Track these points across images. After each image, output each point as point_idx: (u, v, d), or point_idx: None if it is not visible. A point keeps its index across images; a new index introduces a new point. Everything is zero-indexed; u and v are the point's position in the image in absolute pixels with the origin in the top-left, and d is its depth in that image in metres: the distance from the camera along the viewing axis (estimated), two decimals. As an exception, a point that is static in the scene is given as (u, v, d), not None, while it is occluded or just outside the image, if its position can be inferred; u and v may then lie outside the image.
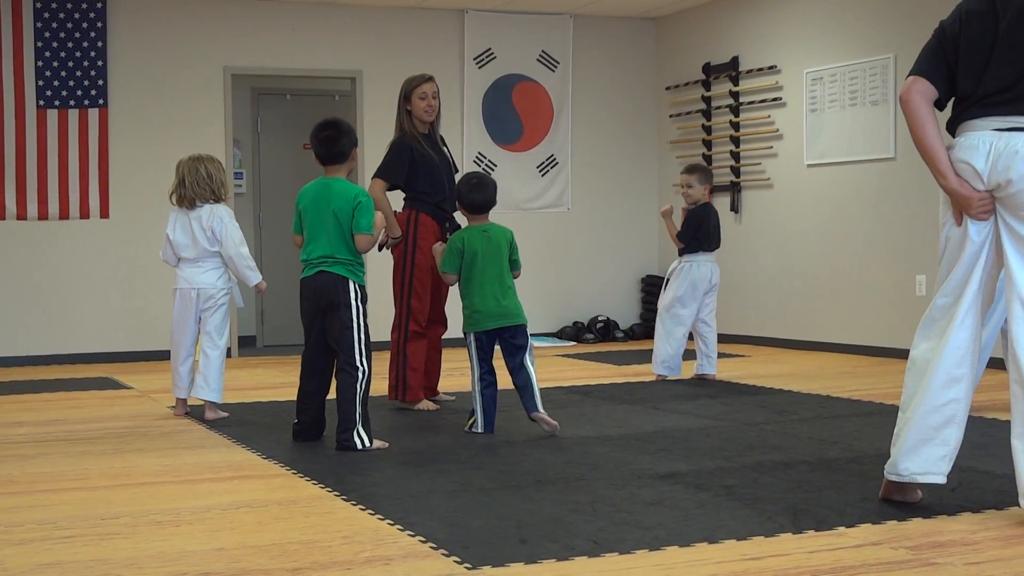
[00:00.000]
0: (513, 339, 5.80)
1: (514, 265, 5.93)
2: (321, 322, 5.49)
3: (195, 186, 6.40)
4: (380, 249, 6.49)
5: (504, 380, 5.88)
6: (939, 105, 4.00)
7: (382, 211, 6.42)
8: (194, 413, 6.53)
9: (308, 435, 5.57)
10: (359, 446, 5.29)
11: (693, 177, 7.84)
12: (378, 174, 6.58)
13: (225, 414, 6.42)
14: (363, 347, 5.42)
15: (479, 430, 5.77)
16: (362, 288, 5.48)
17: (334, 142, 5.53)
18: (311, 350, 5.57)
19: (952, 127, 4.02)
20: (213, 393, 6.37)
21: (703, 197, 7.84)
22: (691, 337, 7.95)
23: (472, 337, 5.81)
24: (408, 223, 6.56)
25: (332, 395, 5.51)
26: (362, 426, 5.33)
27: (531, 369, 5.77)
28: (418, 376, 6.56)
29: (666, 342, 7.83)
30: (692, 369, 7.98)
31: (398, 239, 6.53)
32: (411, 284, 6.54)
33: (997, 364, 8.49)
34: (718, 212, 8.05)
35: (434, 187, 6.55)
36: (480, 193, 5.90)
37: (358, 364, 5.38)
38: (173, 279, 6.54)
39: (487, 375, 5.80)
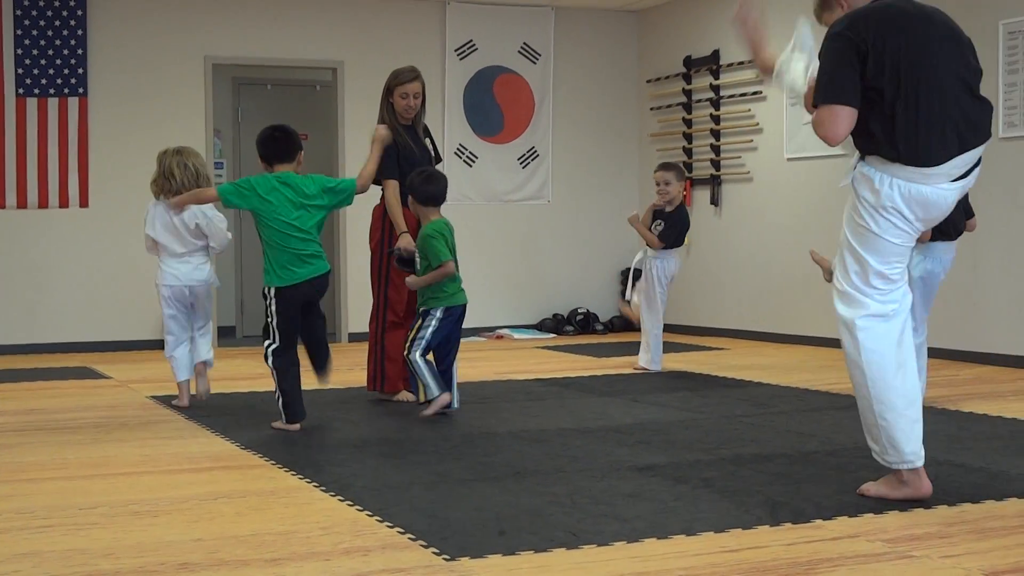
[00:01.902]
0: (460, 326, 6.14)
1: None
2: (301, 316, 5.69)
3: (185, 182, 6.30)
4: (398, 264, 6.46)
5: (479, 372, 5.89)
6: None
7: (393, 213, 6.40)
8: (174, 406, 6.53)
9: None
10: None
11: (671, 174, 7.87)
12: (385, 175, 6.45)
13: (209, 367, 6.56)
14: None
15: (436, 393, 5.90)
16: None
17: (283, 141, 5.72)
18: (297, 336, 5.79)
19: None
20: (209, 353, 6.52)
21: (679, 195, 7.87)
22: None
23: (441, 312, 5.96)
24: (384, 215, 6.56)
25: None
26: None
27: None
28: (396, 367, 6.55)
29: (655, 337, 7.98)
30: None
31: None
32: (388, 275, 6.54)
33: (974, 358, 8.54)
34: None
35: (406, 178, 6.52)
36: (434, 184, 6.08)
37: None
38: (158, 275, 6.35)
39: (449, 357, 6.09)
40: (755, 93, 10.10)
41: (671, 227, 7.83)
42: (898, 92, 3.83)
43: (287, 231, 5.57)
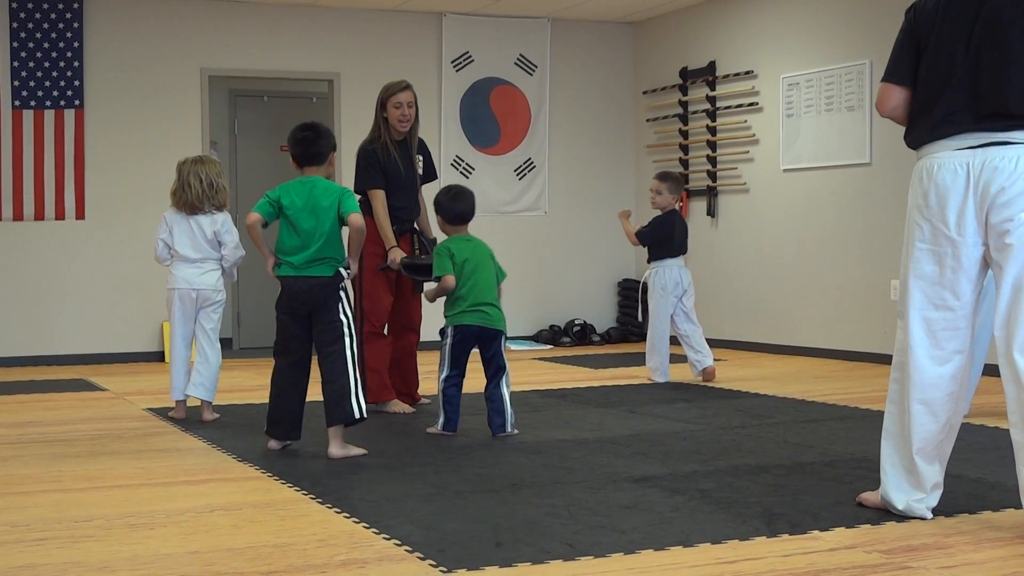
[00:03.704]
0: (490, 349, 5.82)
1: (499, 277, 5.98)
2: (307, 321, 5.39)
3: (200, 193, 6.33)
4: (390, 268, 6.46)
5: (476, 384, 5.89)
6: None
7: (380, 224, 6.42)
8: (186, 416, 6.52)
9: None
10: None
11: (664, 185, 7.92)
12: (370, 186, 6.50)
13: (217, 415, 6.41)
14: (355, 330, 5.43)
15: (439, 429, 5.80)
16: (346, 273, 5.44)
17: (312, 143, 5.42)
18: (297, 343, 5.45)
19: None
20: (210, 393, 6.38)
21: (670, 205, 7.90)
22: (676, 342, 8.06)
23: (451, 329, 5.80)
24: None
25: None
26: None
27: (505, 393, 5.81)
28: (377, 377, 6.54)
29: (654, 348, 8.00)
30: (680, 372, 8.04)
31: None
32: (361, 286, 6.56)
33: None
34: (685, 219, 8.11)
35: (388, 192, 6.52)
36: (462, 203, 5.97)
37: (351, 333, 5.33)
38: (168, 279, 6.45)
39: (456, 376, 5.80)
40: (751, 104, 10.11)
41: (650, 226, 7.89)
42: None
43: (294, 229, 5.38)
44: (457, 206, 5.95)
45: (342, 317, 5.33)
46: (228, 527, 3.99)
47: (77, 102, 9.69)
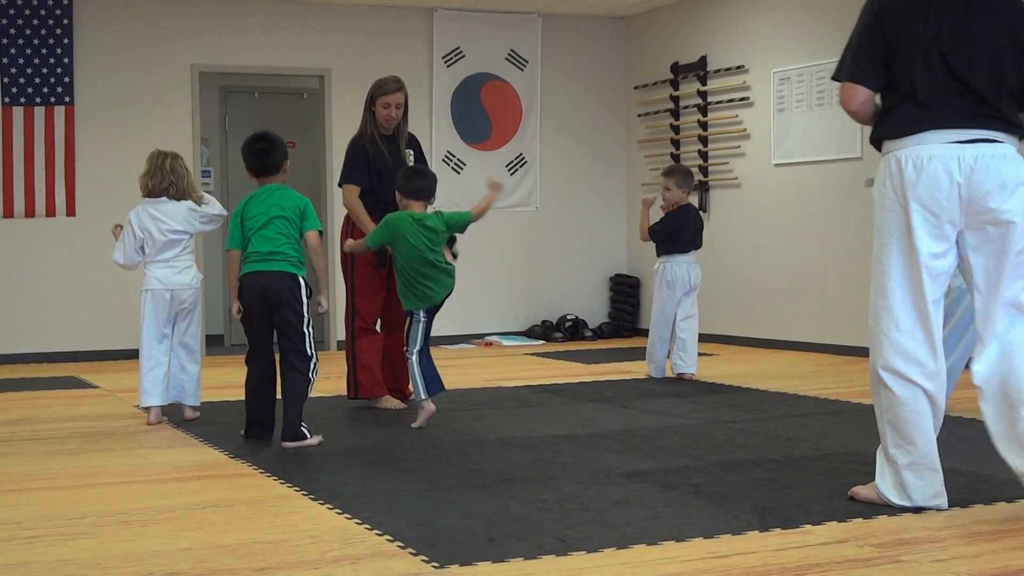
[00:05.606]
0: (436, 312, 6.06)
1: (459, 227, 6.07)
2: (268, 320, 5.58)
3: (175, 181, 6.31)
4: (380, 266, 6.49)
5: (468, 379, 5.88)
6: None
7: (355, 215, 6.45)
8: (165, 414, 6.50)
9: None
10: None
11: (671, 180, 7.91)
12: (348, 180, 6.55)
13: (198, 414, 6.35)
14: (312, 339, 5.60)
15: (421, 396, 5.88)
16: (307, 282, 5.62)
17: (267, 154, 5.70)
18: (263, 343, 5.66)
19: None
20: (195, 399, 6.28)
21: (681, 199, 7.89)
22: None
23: (421, 314, 5.92)
24: (347, 222, 6.59)
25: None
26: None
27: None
28: (369, 373, 6.55)
29: (652, 342, 7.99)
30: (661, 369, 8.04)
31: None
32: (353, 283, 6.56)
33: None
34: (699, 213, 8.09)
35: (379, 185, 6.53)
36: (419, 179, 6.07)
37: (310, 354, 5.51)
38: (142, 280, 6.27)
39: (427, 347, 5.99)
40: (742, 99, 10.11)
41: (662, 222, 7.88)
42: None
43: (258, 235, 5.61)
44: (412, 182, 6.05)
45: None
46: (220, 524, 3.99)
47: (67, 99, 9.67)
